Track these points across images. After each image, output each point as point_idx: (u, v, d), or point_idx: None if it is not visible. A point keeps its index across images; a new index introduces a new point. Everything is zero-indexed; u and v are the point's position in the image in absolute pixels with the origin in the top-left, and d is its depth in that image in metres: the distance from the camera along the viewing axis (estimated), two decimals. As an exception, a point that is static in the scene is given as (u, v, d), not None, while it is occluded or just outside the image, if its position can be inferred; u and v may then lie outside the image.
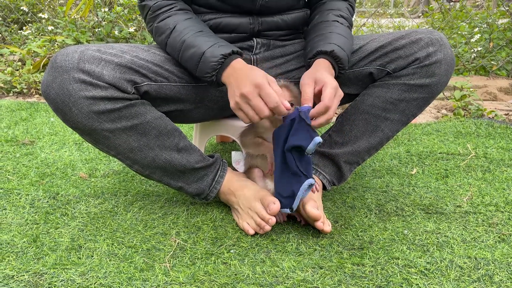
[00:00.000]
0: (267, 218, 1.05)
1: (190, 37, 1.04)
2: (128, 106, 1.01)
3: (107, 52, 1.01)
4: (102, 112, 0.98)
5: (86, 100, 0.96)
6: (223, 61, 1.01)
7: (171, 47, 1.09)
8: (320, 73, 1.01)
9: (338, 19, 1.15)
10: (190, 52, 1.04)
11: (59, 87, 0.95)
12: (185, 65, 1.08)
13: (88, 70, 0.96)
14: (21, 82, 2.66)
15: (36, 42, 3.07)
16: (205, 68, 1.02)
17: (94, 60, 0.97)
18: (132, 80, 1.02)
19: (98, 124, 0.99)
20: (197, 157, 1.14)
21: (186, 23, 1.08)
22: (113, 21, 3.06)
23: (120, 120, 1.01)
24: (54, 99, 0.97)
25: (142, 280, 0.88)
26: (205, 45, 1.02)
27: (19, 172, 1.44)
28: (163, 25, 1.10)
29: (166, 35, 1.09)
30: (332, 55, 1.05)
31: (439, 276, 0.90)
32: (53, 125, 1.97)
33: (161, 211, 1.19)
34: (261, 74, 0.98)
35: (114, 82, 0.98)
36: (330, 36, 1.09)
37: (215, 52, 1.01)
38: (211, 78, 1.03)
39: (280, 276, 0.90)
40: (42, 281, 0.88)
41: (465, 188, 1.30)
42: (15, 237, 1.04)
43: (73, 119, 0.98)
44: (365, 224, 1.11)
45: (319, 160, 1.20)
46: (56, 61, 0.96)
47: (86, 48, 0.99)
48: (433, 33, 1.12)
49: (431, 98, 1.15)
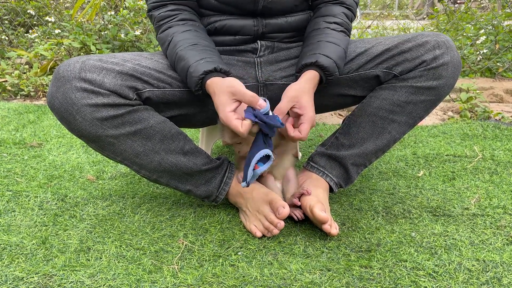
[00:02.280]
0: (276, 222, 1.05)
1: (183, 50, 1.07)
2: (130, 112, 1.03)
3: (108, 61, 1.03)
4: (105, 118, 1.00)
5: (89, 108, 0.98)
6: (204, 77, 1.03)
7: (169, 57, 1.12)
8: (305, 98, 1.04)
9: (329, 25, 1.16)
10: (181, 65, 1.06)
11: (63, 96, 0.98)
12: (181, 77, 1.11)
13: (89, 78, 0.98)
14: (28, 85, 2.68)
15: (43, 46, 3.09)
16: (191, 82, 1.05)
17: (95, 69, 1.00)
18: (134, 87, 1.04)
19: (102, 131, 1.01)
20: (204, 159, 1.14)
21: (183, 35, 1.10)
22: (119, 24, 3.08)
23: (124, 126, 1.02)
24: (58, 108, 0.99)
25: (151, 282, 0.89)
26: (192, 60, 1.04)
27: (28, 175, 1.45)
28: (164, 36, 1.13)
29: (165, 46, 1.12)
30: (317, 65, 1.07)
31: (447, 279, 0.90)
32: (60, 128, 1.99)
33: (168, 213, 1.19)
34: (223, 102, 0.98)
35: (116, 89, 1.00)
36: (318, 46, 1.10)
37: (198, 68, 1.03)
38: (198, 92, 1.06)
39: (288, 278, 0.90)
40: (52, 283, 0.89)
41: (472, 191, 1.30)
42: (24, 239, 1.05)
43: (77, 127, 1.00)
44: (373, 227, 1.11)
45: (326, 162, 1.20)
46: (59, 72, 0.99)
47: (88, 58, 1.02)
48: (440, 35, 1.12)
49: (438, 100, 1.15)
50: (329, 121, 2.18)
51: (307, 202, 1.08)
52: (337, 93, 1.21)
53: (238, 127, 0.95)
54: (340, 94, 1.21)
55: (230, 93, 0.98)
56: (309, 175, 1.20)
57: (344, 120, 1.23)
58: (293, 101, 1.04)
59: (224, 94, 0.99)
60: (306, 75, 1.07)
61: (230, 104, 0.98)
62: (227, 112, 0.97)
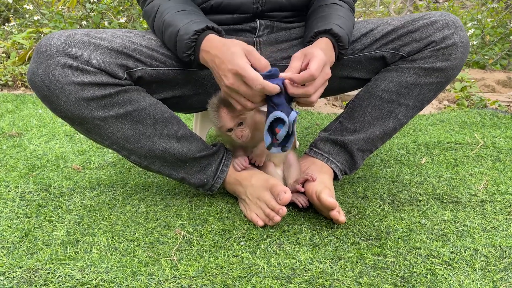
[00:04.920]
0: (277, 208, 0.98)
1: (170, 16, 0.99)
2: (120, 92, 0.95)
3: (96, 36, 0.94)
4: (92, 98, 0.92)
5: (73, 86, 0.90)
6: (197, 38, 0.94)
7: (156, 28, 1.04)
8: (312, 48, 0.94)
9: (337, 1, 1.11)
10: (169, 31, 0.98)
11: (45, 73, 0.89)
12: (168, 46, 1.02)
13: (74, 54, 0.90)
14: (5, 74, 2.54)
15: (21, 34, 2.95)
16: (181, 47, 0.95)
17: (82, 44, 0.91)
18: (124, 65, 0.95)
19: (89, 112, 0.93)
20: (199, 145, 1.07)
21: (170, 3, 1.02)
22: (102, 12, 2.95)
23: (112, 107, 0.94)
24: (40, 86, 0.90)
25: (148, 275, 0.81)
26: (180, 23, 0.96)
27: (7, 165, 1.34)
28: (150, 8, 1.06)
29: (152, 18, 1.05)
30: (331, 33, 0.99)
31: (464, 266, 0.85)
32: (41, 117, 1.87)
33: (162, 203, 1.11)
34: (238, 52, 0.87)
35: (104, 67, 0.92)
36: (329, 17, 1.04)
37: (188, 29, 0.94)
38: (189, 57, 0.96)
39: (297, 268, 0.84)
40: (37, 277, 0.80)
41: (477, 177, 1.26)
42: (4, 232, 0.96)
43: (61, 107, 0.92)
44: (380, 214, 1.06)
45: (330, 148, 1.14)
46: (41, 46, 0.90)
47: (74, 32, 0.93)
48: (448, 15, 1.07)
49: (446, 82, 1.10)
50: (324, 110, 2.13)
51: (313, 188, 1.01)
52: (341, 75, 1.15)
53: (259, 78, 0.84)
54: (344, 76, 1.16)
55: (245, 50, 0.88)
56: (312, 161, 1.14)
57: (348, 104, 1.17)
58: (302, 57, 0.92)
59: (236, 46, 0.89)
60: (319, 41, 0.99)
61: (245, 57, 0.87)
62: (245, 62, 0.86)
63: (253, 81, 0.85)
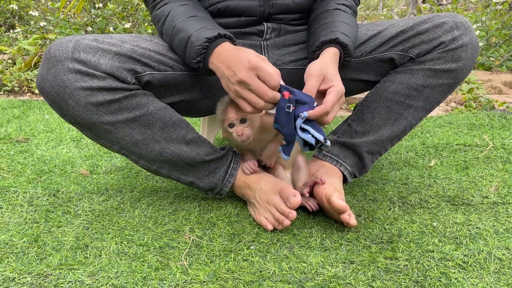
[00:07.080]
0: (287, 212, 0.97)
1: (181, 22, 0.99)
2: (128, 96, 0.94)
3: (105, 41, 0.95)
4: (101, 103, 0.92)
5: (82, 91, 0.90)
6: (208, 45, 0.93)
7: (165, 34, 1.04)
8: (331, 71, 0.94)
9: (339, 7, 1.10)
10: (179, 37, 0.98)
11: (54, 78, 0.89)
12: (177, 51, 1.02)
13: (83, 59, 0.90)
14: (12, 80, 2.55)
15: (27, 40, 2.96)
16: (191, 53, 0.95)
17: (90, 50, 0.91)
18: (133, 70, 0.95)
19: (98, 117, 0.93)
20: (207, 149, 1.06)
21: (180, 9, 1.02)
22: (107, 17, 2.97)
23: (121, 112, 0.94)
24: (49, 92, 0.90)
25: (159, 280, 0.80)
26: (192, 29, 0.96)
27: (15, 170, 1.34)
28: (160, 13, 1.06)
29: (161, 22, 1.05)
30: (337, 42, 0.99)
31: (478, 269, 0.84)
32: (48, 122, 1.87)
33: (171, 207, 1.11)
34: (253, 54, 0.88)
35: (112, 72, 0.92)
36: (333, 25, 1.03)
37: (200, 36, 0.93)
38: (198, 64, 0.95)
39: (309, 272, 0.83)
40: (47, 283, 0.80)
41: (488, 179, 1.25)
42: (14, 237, 0.95)
43: (70, 112, 0.92)
44: (390, 217, 1.04)
45: (339, 150, 1.13)
46: (50, 52, 0.91)
47: (82, 37, 0.93)
48: (457, 16, 1.07)
49: (456, 84, 1.10)
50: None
51: (323, 191, 1.00)
52: (349, 78, 1.14)
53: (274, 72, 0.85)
54: (352, 79, 1.15)
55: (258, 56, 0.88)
56: (321, 164, 1.13)
57: (357, 106, 1.17)
58: (320, 78, 0.93)
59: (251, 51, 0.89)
60: (327, 52, 0.99)
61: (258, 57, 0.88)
62: (259, 58, 0.86)
63: (271, 76, 0.85)
